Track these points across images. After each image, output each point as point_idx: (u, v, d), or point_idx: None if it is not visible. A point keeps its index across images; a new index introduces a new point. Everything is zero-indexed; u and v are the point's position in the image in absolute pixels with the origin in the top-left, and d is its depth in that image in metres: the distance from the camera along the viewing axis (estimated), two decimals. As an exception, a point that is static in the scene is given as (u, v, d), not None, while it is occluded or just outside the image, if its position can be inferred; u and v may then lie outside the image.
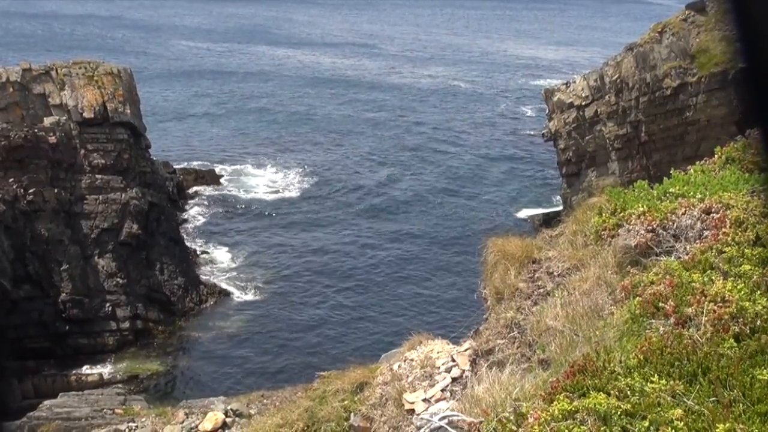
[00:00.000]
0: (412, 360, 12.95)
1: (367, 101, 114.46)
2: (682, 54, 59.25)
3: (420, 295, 57.24)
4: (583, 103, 62.41)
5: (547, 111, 68.15)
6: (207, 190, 76.11)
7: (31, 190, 49.92)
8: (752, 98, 4.54)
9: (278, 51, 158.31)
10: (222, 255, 62.91)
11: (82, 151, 53.16)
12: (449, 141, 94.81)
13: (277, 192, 76.74)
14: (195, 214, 70.95)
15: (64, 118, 52.89)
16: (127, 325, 51.79)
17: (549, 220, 54.02)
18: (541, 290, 11.39)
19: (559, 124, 63.72)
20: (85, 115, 52.99)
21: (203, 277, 58.32)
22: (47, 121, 52.32)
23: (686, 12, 61.66)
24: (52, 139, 51.41)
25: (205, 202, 73.65)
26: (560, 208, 64.91)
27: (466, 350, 12.18)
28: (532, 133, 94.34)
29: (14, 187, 49.41)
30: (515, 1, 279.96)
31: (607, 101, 61.21)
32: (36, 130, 51.10)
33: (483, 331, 11.94)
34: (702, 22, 60.34)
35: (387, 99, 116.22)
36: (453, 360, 12.22)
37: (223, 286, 57.66)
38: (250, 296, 56.97)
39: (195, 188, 75.82)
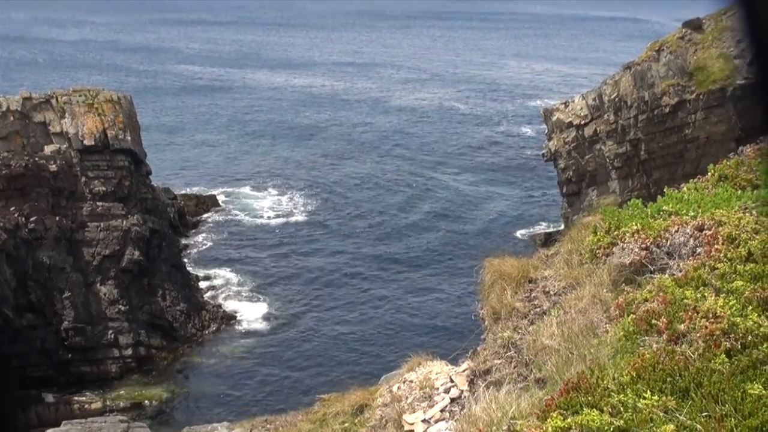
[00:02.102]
0: (411, 381, 12.99)
1: (364, 123, 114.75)
2: (679, 72, 59.44)
3: (419, 316, 57.23)
4: (582, 123, 62.54)
5: (546, 131, 68.28)
6: (208, 216, 76.23)
7: (32, 219, 50.02)
8: (763, 110, 4.60)
9: (275, 74, 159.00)
10: (223, 280, 62.91)
11: (83, 179, 53.30)
12: (449, 162, 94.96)
13: (277, 216, 76.82)
14: (196, 239, 71.03)
15: (65, 146, 53.07)
16: (129, 352, 51.74)
17: (550, 240, 54.02)
18: (538, 309, 11.44)
19: (559, 144, 63.82)
20: (86, 142, 53.15)
21: (205, 303, 58.28)
22: (48, 149, 52.50)
23: (683, 30, 61.95)
24: (53, 167, 51.57)
25: (206, 228, 73.75)
26: (561, 227, 64.90)
27: (464, 370, 12.22)
28: (531, 153, 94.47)
29: (16, 215, 49.52)
30: (510, 21, 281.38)
31: (606, 120, 61.33)
32: (37, 159, 51.28)
33: (481, 351, 11.98)
34: (699, 40, 60.60)
35: (385, 120, 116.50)
36: (451, 380, 12.26)
37: (226, 311, 57.62)
38: (252, 321, 56.93)
39: (196, 214, 75.91)
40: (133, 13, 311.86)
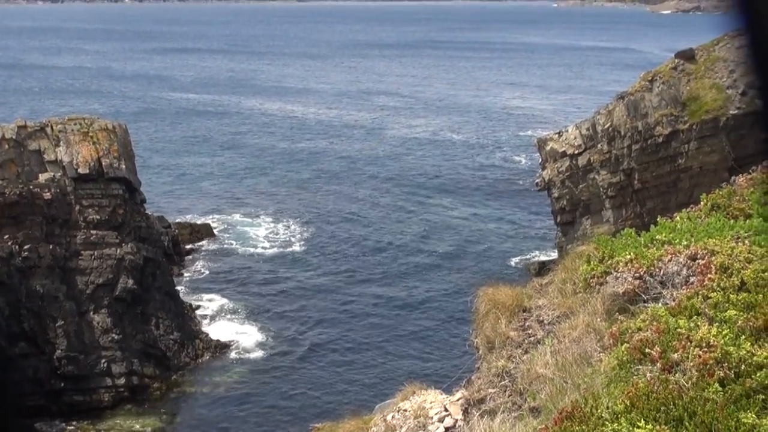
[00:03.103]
0: (405, 410, 12.97)
1: (358, 151, 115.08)
2: (672, 102, 59.78)
3: (413, 344, 57.13)
4: (576, 152, 62.79)
5: (540, 160, 68.52)
6: (202, 244, 76.25)
7: (26, 247, 49.95)
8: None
9: (269, 102, 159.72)
10: (217, 309, 62.79)
11: (77, 207, 53.28)
12: (443, 190, 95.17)
13: (271, 244, 76.83)
14: (190, 268, 70.98)
15: (59, 174, 53.09)
16: (122, 381, 51.50)
17: (545, 269, 54.08)
18: (532, 338, 11.46)
19: (553, 173, 64.02)
20: (80, 170, 53.16)
21: (199, 332, 58.13)
22: (42, 177, 52.51)
23: (675, 60, 62.38)
24: (47, 196, 51.56)
25: (200, 256, 73.73)
26: (556, 256, 64.97)
27: (458, 399, 12.21)
28: (525, 182, 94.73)
29: (9, 243, 49.45)
30: (504, 51, 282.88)
31: (600, 150, 61.60)
32: (31, 187, 51.28)
33: (475, 380, 11.99)
34: (692, 70, 61.01)
35: (379, 149, 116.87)
36: (446, 409, 12.24)
37: (219, 340, 57.45)
38: (245, 350, 56.76)
39: (190, 242, 75.92)
40: (126, 42, 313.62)
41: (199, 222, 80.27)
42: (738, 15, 4.53)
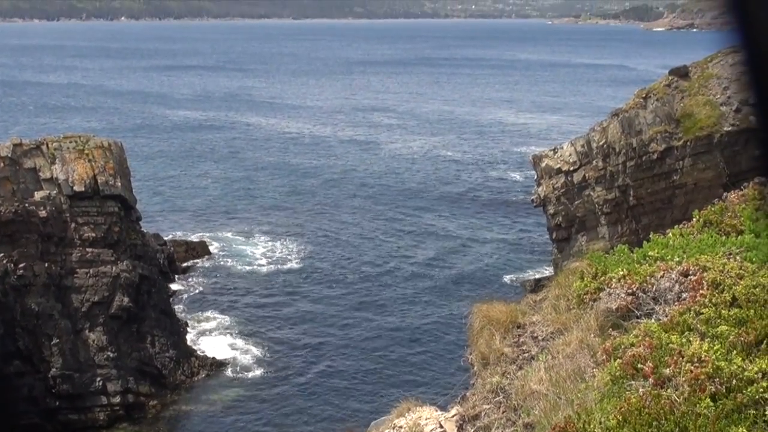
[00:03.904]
0: (400, 427, 12.98)
1: (354, 167, 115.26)
2: (667, 119, 60.04)
3: (408, 361, 57.08)
4: (571, 169, 62.96)
5: (535, 177, 68.69)
6: (198, 262, 76.22)
7: (21, 265, 49.88)
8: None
9: (265, 119, 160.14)
10: (213, 326, 62.72)
11: (73, 225, 53.27)
12: (438, 207, 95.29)
13: (267, 261, 76.80)
14: (186, 285, 70.92)
15: (55, 191, 53.09)
16: (118, 399, 51.36)
17: (540, 285, 54.13)
18: (526, 354, 11.50)
19: (548, 190, 64.17)
20: (76, 188, 53.17)
21: (195, 349, 58.05)
22: (38, 195, 52.50)
23: (669, 77, 62.72)
24: (43, 213, 51.54)
25: (196, 274, 73.70)
26: (551, 272, 65.03)
27: (453, 416, 12.23)
28: (520, 198, 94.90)
29: (4, 261, 49.39)
30: (499, 68, 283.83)
31: (595, 166, 61.79)
32: (26, 205, 51.27)
33: (469, 397, 12.01)
34: (685, 87, 61.33)
35: (374, 165, 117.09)
36: (441, 426, 12.26)
37: (215, 358, 57.36)
38: (241, 368, 56.65)
39: (186, 259, 75.91)
40: (122, 59, 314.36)
41: (194, 239, 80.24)
42: (733, 32, 4.61)
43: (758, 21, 4.52)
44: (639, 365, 7.96)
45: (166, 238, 75.45)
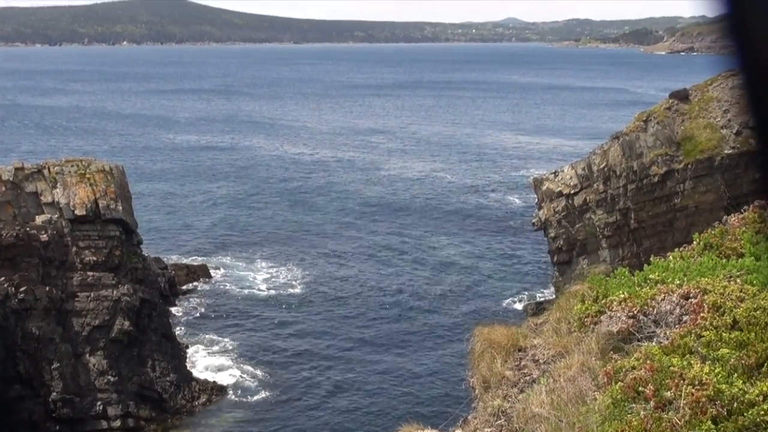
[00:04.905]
0: (402, 451, 12.95)
1: (354, 190, 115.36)
2: (667, 142, 60.18)
3: (410, 384, 56.89)
4: (572, 192, 63.03)
5: (536, 200, 68.75)
6: (199, 286, 76.15)
7: (22, 289, 49.86)
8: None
9: (266, 141, 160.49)
10: (214, 351, 62.58)
11: (74, 249, 53.30)
12: (439, 230, 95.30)
13: (268, 286, 76.72)
14: (187, 310, 70.83)
15: (56, 215, 53.16)
16: (118, 423, 51.20)
17: (541, 308, 54.06)
18: (527, 378, 11.50)
19: (549, 213, 64.21)
20: (77, 212, 53.25)
21: (196, 374, 57.89)
22: (39, 219, 52.57)
23: (670, 101, 62.90)
24: (44, 237, 51.58)
25: (197, 298, 73.61)
26: (552, 296, 64.96)
27: (454, 440, 12.22)
28: (521, 221, 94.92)
29: (5, 285, 49.37)
30: (500, 91, 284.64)
31: (596, 189, 61.86)
32: (28, 229, 51.31)
33: (471, 420, 12.00)
34: (686, 110, 61.50)
35: (374, 188, 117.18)
36: (442, 450, 12.24)
37: (216, 382, 57.19)
38: (242, 393, 56.47)
39: (187, 284, 75.87)
40: (123, 82, 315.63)
41: (195, 263, 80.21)
42: (732, 55, 4.63)
43: (758, 44, 4.55)
44: (640, 388, 7.96)
45: (167, 262, 75.44)
